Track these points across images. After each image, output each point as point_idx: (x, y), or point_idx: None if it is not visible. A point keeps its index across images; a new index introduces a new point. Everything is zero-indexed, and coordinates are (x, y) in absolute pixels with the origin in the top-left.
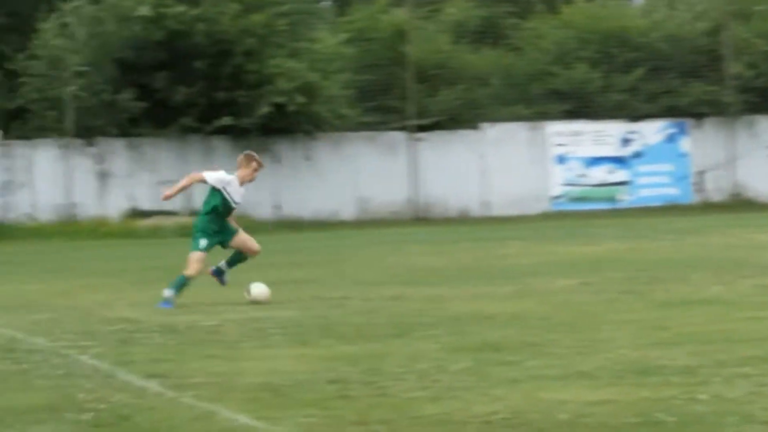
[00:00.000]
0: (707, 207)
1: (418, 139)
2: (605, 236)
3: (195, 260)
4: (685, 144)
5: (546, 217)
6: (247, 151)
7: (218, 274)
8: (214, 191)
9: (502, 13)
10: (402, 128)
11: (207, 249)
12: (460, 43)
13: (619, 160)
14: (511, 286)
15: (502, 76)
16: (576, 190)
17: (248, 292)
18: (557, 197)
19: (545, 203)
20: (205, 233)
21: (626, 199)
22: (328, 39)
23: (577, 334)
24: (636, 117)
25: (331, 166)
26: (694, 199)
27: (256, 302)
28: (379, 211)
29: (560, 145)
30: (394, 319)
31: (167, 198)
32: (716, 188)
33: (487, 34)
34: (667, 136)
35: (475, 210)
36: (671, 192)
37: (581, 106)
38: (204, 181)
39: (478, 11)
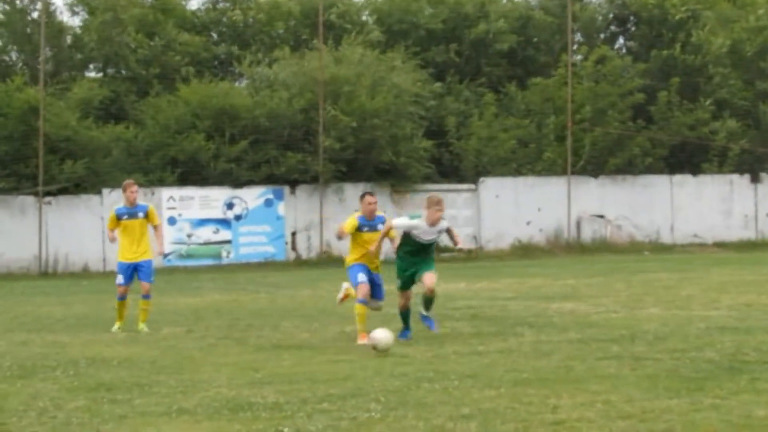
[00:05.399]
0: (300, 263)
1: (47, 203)
2: (209, 289)
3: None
4: (281, 208)
5: (157, 272)
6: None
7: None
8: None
9: (124, 92)
10: (33, 193)
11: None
12: (87, 118)
13: (223, 222)
14: (124, 333)
15: (123, 148)
16: (184, 248)
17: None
18: (167, 254)
19: (157, 259)
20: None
21: (229, 256)
22: None
23: (180, 375)
24: (239, 184)
25: None
26: (289, 256)
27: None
28: (9, 266)
29: (171, 208)
30: (19, 362)
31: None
32: (307, 247)
33: (109, 111)
34: (265, 201)
35: (96, 266)
36: (268, 250)
37: (192, 174)
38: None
39: (101, 90)
